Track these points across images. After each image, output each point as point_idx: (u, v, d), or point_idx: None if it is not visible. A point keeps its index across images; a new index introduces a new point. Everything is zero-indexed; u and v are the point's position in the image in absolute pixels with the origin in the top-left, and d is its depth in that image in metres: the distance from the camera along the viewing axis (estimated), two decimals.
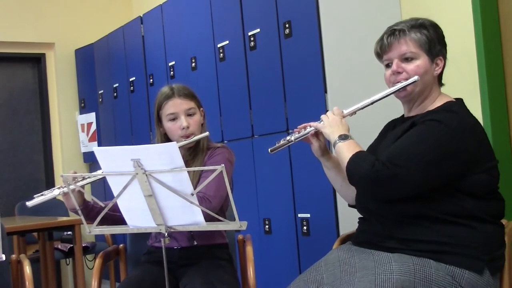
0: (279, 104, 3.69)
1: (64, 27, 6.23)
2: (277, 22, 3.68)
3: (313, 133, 2.34)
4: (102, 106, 5.90)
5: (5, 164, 6.04)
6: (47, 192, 2.43)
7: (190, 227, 2.16)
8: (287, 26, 3.61)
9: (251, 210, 3.89)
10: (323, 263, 2.21)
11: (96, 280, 2.72)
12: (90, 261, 5.68)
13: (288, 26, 3.60)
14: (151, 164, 2.00)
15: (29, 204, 2.43)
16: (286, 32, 3.62)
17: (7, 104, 6.14)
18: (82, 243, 4.53)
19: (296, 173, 3.61)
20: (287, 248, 3.66)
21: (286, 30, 3.62)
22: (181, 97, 2.66)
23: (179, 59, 4.69)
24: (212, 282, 2.45)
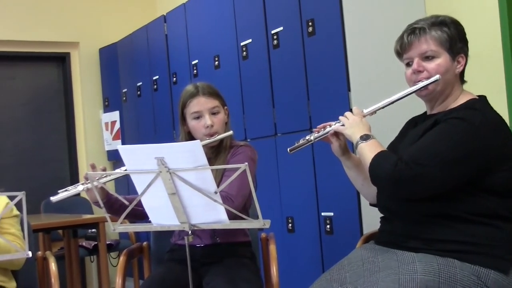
0: (302, 102, 3.68)
1: (88, 26, 6.28)
2: (300, 20, 3.67)
3: (333, 132, 2.33)
4: (125, 105, 5.94)
5: (31, 163, 6.11)
6: (71, 188, 2.45)
7: (214, 225, 2.16)
8: (310, 24, 3.60)
9: (274, 209, 3.89)
10: (346, 262, 2.20)
11: (120, 277, 2.73)
12: (114, 258, 5.72)
13: (311, 24, 3.59)
14: (175, 162, 2.01)
15: (53, 199, 2.45)
16: (310, 30, 3.61)
17: (33, 103, 6.21)
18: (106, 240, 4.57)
19: (319, 171, 3.60)
20: (310, 247, 3.66)
21: (309, 28, 3.61)
22: (205, 95, 2.66)
23: (202, 58, 4.70)
24: (235, 280, 2.45)
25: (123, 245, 5.24)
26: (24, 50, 6.10)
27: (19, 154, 6.08)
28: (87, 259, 5.80)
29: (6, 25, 5.91)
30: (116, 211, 2.30)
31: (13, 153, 6.05)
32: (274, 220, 2.19)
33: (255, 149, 2.74)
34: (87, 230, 5.24)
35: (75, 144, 6.30)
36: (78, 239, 4.75)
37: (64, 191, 2.45)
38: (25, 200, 2.04)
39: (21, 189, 2.06)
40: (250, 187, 2.03)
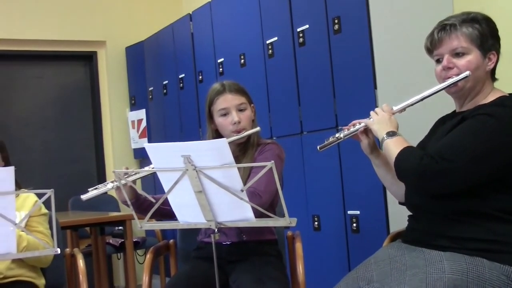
0: (328, 100, 3.67)
1: (115, 25, 6.33)
2: (326, 18, 3.66)
3: (362, 130, 2.33)
4: (152, 103, 5.97)
5: (58, 160, 6.18)
6: (101, 186, 2.47)
7: (240, 223, 2.16)
8: (336, 22, 3.58)
9: (300, 207, 3.88)
10: (373, 261, 2.19)
11: (147, 274, 2.75)
12: (140, 256, 5.76)
13: (337, 22, 3.57)
14: (201, 160, 2.01)
15: (83, 197, 2.47)
16: (335, 28, 3.59)
17: (60, 102, 6.27)
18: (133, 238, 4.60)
19: (345, 169, 3.58)
20: (336, 245, 3.64)
21: (335, 26, 3.59)
22: (232, 92, 2.67)
23: (228, 56, 4.70)
24: (261, 279, 2.45)
25: (150, 243, 5.28)
26: (52, 49, 6.17)
27: (47, 152, 6.16)
28: (114, 256, 5.85)
29: (35, 25, 5.98)
30: (145, 211, 2.31)
31: (41, 151, 6.12)
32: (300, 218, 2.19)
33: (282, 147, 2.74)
34: (114, 228, 5.28)
35: (102, 142, 6.35)
36: (105, 237, 4.79)
37: (94, 189, 2.47)
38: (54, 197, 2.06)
39: (49, 187, 2.07)
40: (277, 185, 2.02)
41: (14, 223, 2.05)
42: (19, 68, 6.15)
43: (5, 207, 2.02)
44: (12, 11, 5.88)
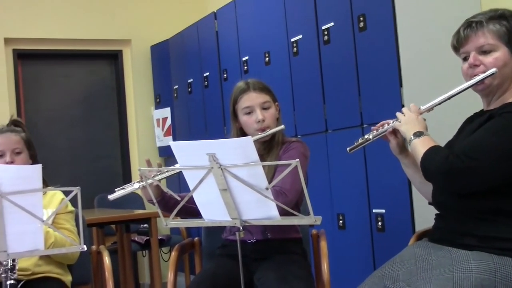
0: (354, 98, 3.65)
1: (140, 24, 6.36)
2: (351, 16, 3.64)
3: (391, 130, 2.32)
4: (177, 101, 6.00)
5: (84, 158, 6.24)
6: (127, 186, 2.49)
7: (265, 221, 2.16)
8: (361, 19, 3.56)
9: (325, 205, 3.87)
10: (399, 260, 2.18)
11: (172, 272, 2.77)
12: (165, 253, 5.78)
13: (362, 19, 3.56)
14: (226, 159, 2.01)
15: (110, 197, 2.49)
16: (361, 25, 3.57)
17: (86, 100, 6.33)
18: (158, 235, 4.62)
19: (370, 167, 3.56)
20: (361, 244, 3.63)
21: (360, 23, 3.57)
22: (256, 90, 2.67)
23: (253, 54, 4.71)
24: (286, 277, 2.45)
25: (175, 241, 5.30)
26: (78, 48, 6.23)
27: (73, 150, 6.22)
28: (139, 254, 5.89)
29: (62, 24, 6.04)
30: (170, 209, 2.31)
31: (67, 149, 6.18)
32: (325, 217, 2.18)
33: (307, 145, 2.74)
34: (139, 225, 5.30)
35: (127, 140, 6.40)
36: (130, 234, 4.82)
37: (120, 189, 2.49)
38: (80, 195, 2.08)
39: (75, 185, 2.09)
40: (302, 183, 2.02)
41: (42, 220, 2.08)
42: (46, 67, 6.21)
43: (33, 205, 2.05)
44: (38, 11, 5.95)
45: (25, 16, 5.89)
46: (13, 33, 5.85)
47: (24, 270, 2.65)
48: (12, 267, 2.13)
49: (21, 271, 2.61)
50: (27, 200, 2.02)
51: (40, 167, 2.07)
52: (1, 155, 2.75)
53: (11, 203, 1.99)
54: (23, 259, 2.62)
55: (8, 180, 2.00)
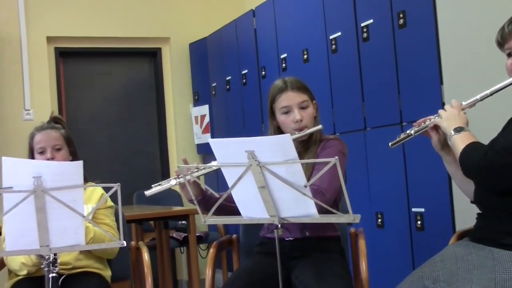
0: (393, 96, 3.62)
1: (178, 22, 6.40)
2: (391, 12, 3.61)
3: (432, 126, 2.31)
4: (215, 99, 6.02)
5: (123, 155, 6.31)
6: (164, 182, 2.50)
7: (303, 219, 2.16)
8: (401, 16, 3.53)
9: (363, 204, 3.85)
10: (439, 259, 2.15)
11: (210, 268, 2.78)
12: (203, 250, 5.81)
13: (402, 16, 3.52)
14: (265, 156, 2.01)
15: (147, 193, 2.51)
16: (400, 22, 3.54)
17: (125, 97, 6.40)
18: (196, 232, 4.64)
19: (409, 166, 3.53)
20: (400, 243, 3.59)
21: (400, 20, 3.54)
22: (294, 90, 2.66)
23: (291, 52, 4.70)
24: (325, 275, 2.44)
25: (212, 238, 5.33)
26: (117, 46, 6.30)
27: (113, 147, 6.29)
28: (177, 250, 5.92)
29: (101, 23, 6.11)
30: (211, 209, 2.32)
31: (107, 146, 6.26)
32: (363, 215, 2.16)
33: (345, 143, 2.72)
34: (177, 222, 5.34)
35: (166, 138, 6.45)
36: (169, 231, 4.86)
37: (157, 185, 2.51)
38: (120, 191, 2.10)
39: (114, 181, 2.11)
40: (341, 181, 2.01)
41: (83, 216, 2.10)
42: (87, 65, 6.30)
43: (74, 200, 2.07)
44: (80, 10, 6.03)
45: (67, 15, 5.99)
46: (55, 31, 5.95)
47: (65, 264, 2.69)
48: (54, 261, 2.16)
49: (62, 265, 2.65)
50: (68, 195, 2.05)
51: (81, 164, 2.10)
52: (42, 151, 2.80)
53: (53, 198, 2.03)
54: (64, 254, 2.66)
55: (50, 176, 2.03)
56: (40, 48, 5.87)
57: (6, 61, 5.69)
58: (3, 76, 5.63)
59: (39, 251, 2.12)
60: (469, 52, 3.32)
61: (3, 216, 2.06)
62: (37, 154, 2.80)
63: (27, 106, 5.75)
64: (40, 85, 5.83)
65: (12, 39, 5.73)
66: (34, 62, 5.82)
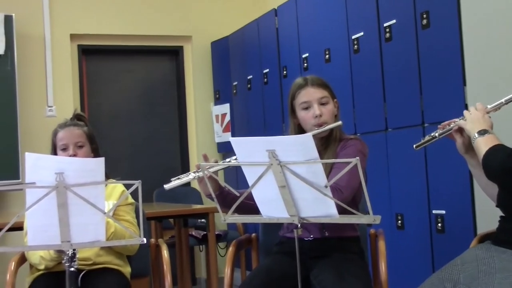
0: (415, 97, 3.60)
1: (200, 20, 6.42)
2: (414, 13, 3.58)
3: (456, 129, 2.30)
4: (236, 98, 6.03)
5: (144, 153, 6.34)
6: (183, 176, 2.50)
7: (323, 219, 2.15)
8: (424, 16, 3.50)
9: (383, 205, 3.83)
10: (460, 262, 2.13)
11: (229, 267, 2.78)
12: (222, 248, 5.82)
13: (425, 16, 3.50)
14: (286, 155, 2.01)
15: (166, 186, 2.51)
16: (424, 23, 3.51)
17: (147, 95, 6.43)
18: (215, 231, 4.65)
19: (431, 168, 3.50)
20: (420, 245, 3.57)
21: (423, 20, 3.51)
22: (314, 86, 2.66)
23: (313, 51, 4.69)
24: (343, 275, 2.43)
25: (231, 236, 5.33)
26: (140, 44, 6.33)
27: (134, 145, 6.33)
28: (196, 248, 5.94)
29: (124, 21, 6.15)
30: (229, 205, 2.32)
31: (128, 143, 6.30)
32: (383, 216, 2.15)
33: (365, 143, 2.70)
34: (197, 220, 5.35)
35: (187, 136, 6.47)
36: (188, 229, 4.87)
37: (176, 179, 2.51)
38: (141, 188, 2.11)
39: (134, 178, 2.12)
40: (360, 181, 2.01)
41: (104, 212, 2.12)
42: (109, 62, 6.34)
43: (96, 196, 2.09)
44: (102, 8, 6.08)
45: (90, 13, 6.03)
46: (79, 29, 6.00)
47: (86, 260, 2.71)
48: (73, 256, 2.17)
49: (83, 260, 2.68)
50: (90, 192, 2.07)
51: (103, 160, 2.11)
52: (64, 148, 2.82)
53: (75, 194, 2.04)
54: (85, 249, 2.69)
55: (72, 172, 2.05)
56: (63, 45, 5.93)
57: (30, 58, 5.74)
58: (27, 72, 5.68)
59: (60, 247, 2.13)
60: (493, 53, 3.29)
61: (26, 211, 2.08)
62: (59, 150, 2.83)
63: (50, 102, 5.81)
64: (63, 82, 5.88)
65: (36, 37, 5.79)
66: (57, 59, 5.87)
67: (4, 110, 5.41)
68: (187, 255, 4.72)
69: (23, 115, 5.55)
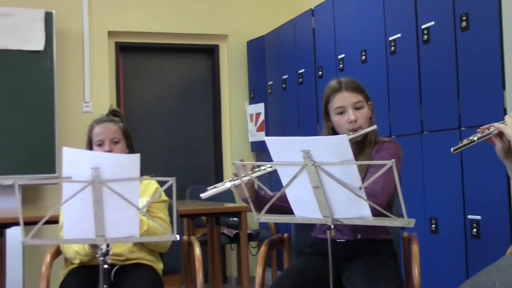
0: (452, 100, 3.55)
1: (237, 19, 6.44)
2: (454, 15, 3.54)
3: (496, 133, 2.25)
4: (270, 97, 6.03)
5: (178, 150, 6.38)
6: (219, 185, 2.51)
7: (356, 220, 2.14)
8: (464, 18, 3.46)
9: (417, 208, 3.79)
10: (495, 269, 2.10)
11: (260, 266, 2.78)
12: (253, 248, 5.83)
13: (465, 18, 3.45)
14: (321, 156, 2.00)
15: (202, 195, 2.52)
16: (463, 25, 3.47)
17: (182, 93, 6.47)
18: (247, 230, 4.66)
19: (467, 172, 3.46)
20: (454, 250, 3.53)
21: (463, 23, 3.47)
22: (348, 90, 2.63)
23: (349, 52, 4.66)
24: (375, 278, 2.41)
25: (263, 236, 5.33)
26: (176, 42, 6.37)
27: (168, 142, 6.37)
28: (227, 247, 5.96)
29: (161, 19, 6.20)
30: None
31: (162, 140, 6.34)
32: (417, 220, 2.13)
33: (400, 146, 2.68)
34: (229, 218, 5.37)
35: (220, 134, 6.49)
36: (220, 227, 4.89)
37: (212, 188, 2.51)
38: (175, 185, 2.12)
39: (168, 175, 2.12)
40: (395, 184, 1.99)
41: (138, 208, 2.13)
42: (146, 60, 6.40)
43: (130, 193, 2.10)
44: (140, 6, 6.14)
45: (127, 11, 6.10)
46: (116, 26, 6.07)
47: (119, 256, 2.74)
48: (106, 252, 2.19)
49: (116, 256, 2.70)
50: (125, 188, 2.08)
51: (139, 157, 2.13)
52: (100, 144, 2.84)
53: (110, 190, 2.06)
54: (118, 245, 2.71)
55: (108, 168, 2.06)
56: (101, 42, 6.00)
57: (69, 54, 5.83)
58: (65, 69, 5.77)
59: (94, 241, 2.16)
60: None
61: (62, 204, 2.10)
62: (95, 146, 2.85)
63: (87, 98, 5.89)
64: (100, 79, 5.95)
65: (75, 33, 5.88)
66: (95, 56, 5.95)
67: (42, 105, 5.50)
68: (219, 253, 4.73)
69: (60, 110, 5.63)
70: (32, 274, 5.06)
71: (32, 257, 5.18)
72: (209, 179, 6.16)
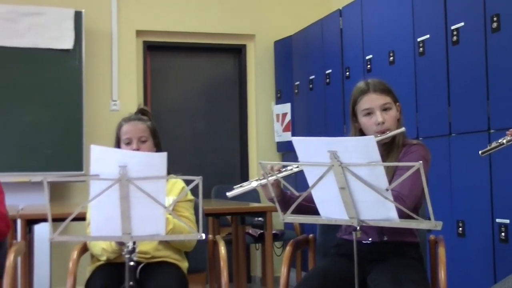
0: (481, 102, 3.51)
1: (264, 19, 6.44)
2: (484, 16, 3.50)
3: None
4: (297, 97, 6.02)
5: (204, 149, 6.40)
6: (246, 184, 2.51)
7: (382, 222, 2.13)
8: (495, 19, 3.41)
9: (444, 211, 3.75)
10: None
11: (285, 267, 2.78)
12: (278, 248, 5.83)
13: (496, 19, 3.41)
14: (348, 157, 2.00)
15: (228, 194, 2.52)
16: (494, 26, 3.43)
17: (209, 92, 6.49)
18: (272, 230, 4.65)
19: (496, 175, 3.41)
20: (482, 254, 3.48)
21: (493, 24, 3.43)
22: (376, 92, 2.61)
23: (377, 53, 4.63)
24: (401, 281, 2.40)
25: (288, 236, 5.32)
26: (203, 42, 6.40)
27: (194, 141, 6.40)
28: (252, 247, 5.96)
29: (188, 18, 6.23)
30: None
31: (188, 139, 6.38)
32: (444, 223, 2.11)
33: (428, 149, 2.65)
34: (253, 218, 5.37)
35: (247, 134, 6.50)
36: (245, 226, 4.89)
37: (239, 187, 2.51)
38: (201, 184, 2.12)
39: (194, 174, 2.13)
40: (423, 187, 1.97)
41: (164, 207, 2.14)
42: (173, 59, 6.43)
43: (157, 191, 2.11)
44: (168, 5, 6.17)
45: (155, 10, 6.13)
46: (144, 26, 6.12)
47: (145, 253, 2.75)
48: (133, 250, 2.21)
49: (142, 253, 2.72)
50: (152, 186, 2.09)
51: (166, 155, 2.13)
52: (128, 142, 2.86)
53: (137, 188, 2.07)
54: (144, 243, 2.73)
55: (135, 166, 2.07)
56: (129, 41, 6.05)
57: (97, 53, 5.88)
58: (94, 67, 5.82)
59: (121, 238, 2.17)
60: None
61: (89, 202, 2.12)
62: (123, 144, 2.87)
63: (114, 97, 5.94)
64: (128, 77, 6.00)
65: (103, 32, 5.93)
66: (123, 55, 6.00)
67: (70, 103, 5.56)
68: (243, 253, 4.73)
69: (88, 109, 5.68)
70: (59, 270, 5.11)
71: (60, 253, 5.23)
72: (234, 179, 6.16)
